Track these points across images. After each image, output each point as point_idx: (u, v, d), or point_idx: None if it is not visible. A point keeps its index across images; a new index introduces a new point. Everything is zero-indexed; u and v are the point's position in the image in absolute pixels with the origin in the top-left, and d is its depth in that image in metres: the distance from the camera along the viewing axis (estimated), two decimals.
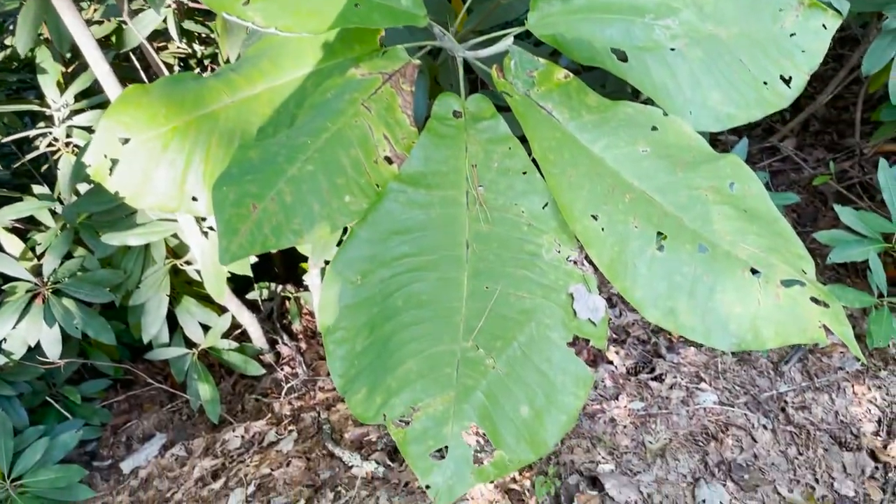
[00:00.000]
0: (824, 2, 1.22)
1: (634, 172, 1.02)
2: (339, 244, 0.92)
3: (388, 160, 0.99)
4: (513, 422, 0.84)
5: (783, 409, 1.76)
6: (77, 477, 2.04)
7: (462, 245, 0.94)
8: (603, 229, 0.95)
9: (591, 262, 0.95)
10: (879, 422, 1.72)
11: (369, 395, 0.84)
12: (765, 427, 1.72)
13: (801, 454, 1.66)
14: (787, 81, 1.15)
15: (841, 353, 1.89)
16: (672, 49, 1.09)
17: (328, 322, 0.88)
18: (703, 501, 1.57)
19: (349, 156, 0.96)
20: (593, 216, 0.96)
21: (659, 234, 0.96)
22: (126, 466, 2.29)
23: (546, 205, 0.97)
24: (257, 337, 2.30)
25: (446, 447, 0.82)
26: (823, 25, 1.11)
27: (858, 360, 1.72)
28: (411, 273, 0.91)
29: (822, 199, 2.39)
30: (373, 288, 0.90)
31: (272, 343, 2.40)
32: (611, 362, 1.92)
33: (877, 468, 1.63)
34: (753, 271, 0.95)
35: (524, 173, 0.98)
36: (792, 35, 1.11)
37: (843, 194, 2.28)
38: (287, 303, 2.53)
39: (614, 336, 2.02)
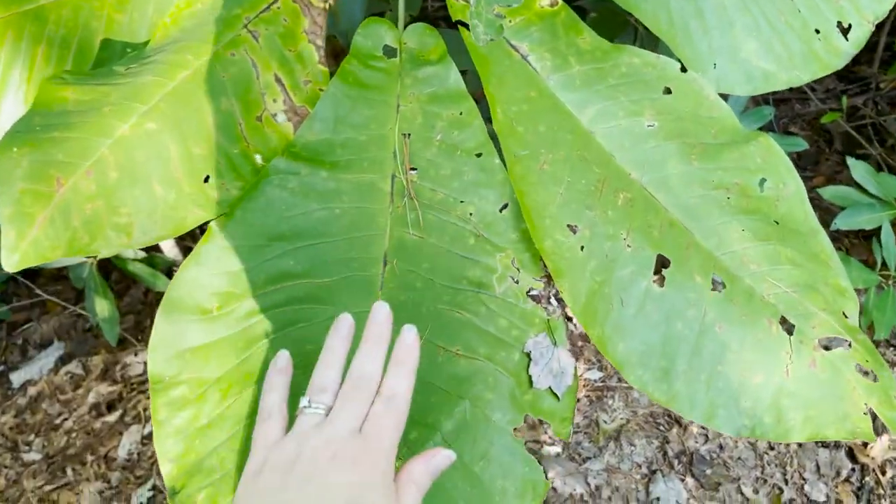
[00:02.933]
0: None
1: (634, 158, 0.72)
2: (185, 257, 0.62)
3: (282, 117, 0.67)
4: None
5: None
6: None
7: (377, 261, 0.64)
8: (583, 248, 0.66)
9: (560, 300, 0.67)
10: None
11: None
12: None
13: (772, 448, 1.46)
14: (846, 31, 0.85)
15: None
16: None
17: (163, 371, 0.59)
18: (658, 499, 1.38)
19: (217, 109, 0.63)
20: (570, 227, 0.66)
21: (660, 257, 0.68)
22: (17, 378, 2.03)
23: (505, 206, 0.66)
24: (169, 247, 1.99)
25: None
26: None
27: None
28: (295, 306, 0.61)
29: (828, 138, 2.11)
30: (234, 324, 0.60)
31: (187, 252, 2.09)
32: (570, 319, 1.68)
33: (853, 470, 1.44)
34: (784, 323, 0.68)
35: (479, 155, 0.67)
36: None
37: (851, 136, 1.99)
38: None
39: None
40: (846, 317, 0.72)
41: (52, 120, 0.61)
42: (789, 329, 0.67)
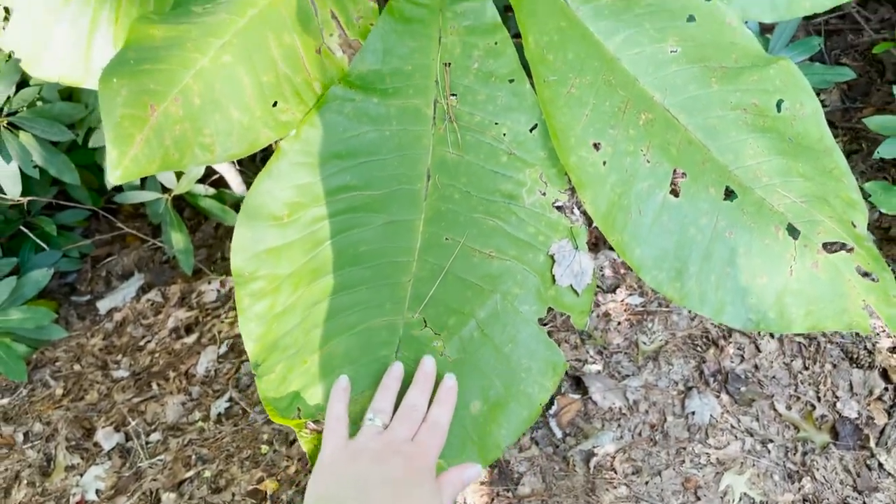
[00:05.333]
0: None
1: (657, 81, 0.78)
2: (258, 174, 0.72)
3: (337, 49, 0.76)
4: (459, 421, 0.68)
5: None
6: (46, 319, 1.96)
7: (422, 176, 0.73)
8: (605, 163, 0.74)
9: (582, 211, 0.75)
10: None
11: (285, 376, 0.68)
12: (771, 335, 1.57)
13: (806, 368, 1.53)
14: None
15: None
16: None
17: (244, 267, 0.70)
18: (693, 413, 1.47)
19: (282, 43, 0.73)
20: (594, 144, 0.74)
21: (676, 171, 0.75)
22: (103, 306, 2.22)
23: (535, 127, 0.75)
24: (237, 183, 2.12)
25: None
26: None
27: None
28: (352, 214, 0.71)
29: (880, 68, 2.09)
30: (302, 229, 0.71)
31: None
32: (613, 249, 1.75)
33: (886, 389, 1.50)
34: (791, 229, 0.75)
35: (511, 81, 0.75)
36: None
37: None
38: (273, 145, 2.32)
39: None
40: (854, 226, 0.78)
41: (143, 54, 0.71)
42: (794, 234, 0.74)
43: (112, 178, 0.70)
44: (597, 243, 1.78)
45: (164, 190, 2.07)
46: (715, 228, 0.74)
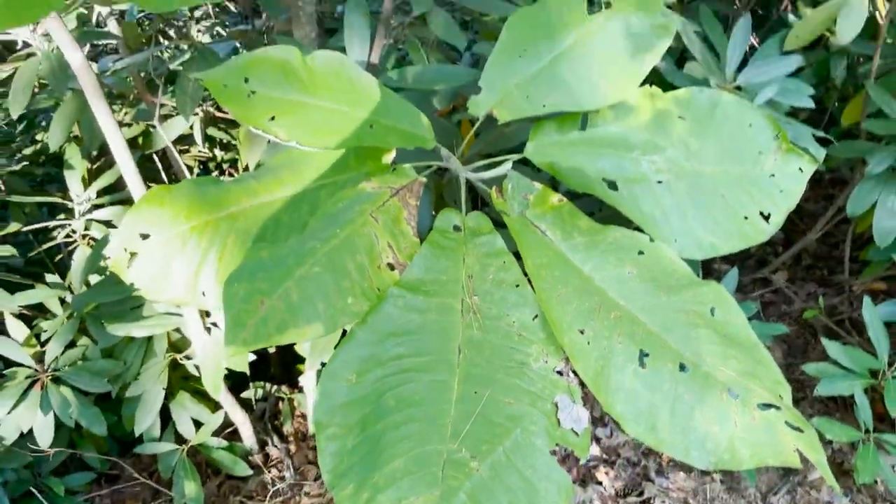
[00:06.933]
0: (802, 147, 1.32)
1: (620, 292, 1.08)
2: (335, 347, 0.97)
3: (391, 266, 1.06)
4: None
5: None
6: None
7: (455, 350, 0.99)
8: (588, 343, 1.00)
9: (576, 374, 1.00)
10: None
11: (356, 491, 0.87)
12: None
13: None
14: (767, 217, 1.22)
15: (830, 487, 1.89)
16: (659, 182, 1.18)
17: (322, 418, 0.92)
18: None
19: (355, 261, 1.03)
20: (580, 330, 1.01)
21: (641, 351, 1.02)
22: None
23: (536, 317, 1.02)
24: (248, 436, 2.30)
25: None
26: (800, 169, 1.20)
27: (833, 488, 1.70)
28: (405, 374, 0.96)
29: (812, 331, 2.44)
30: (367, 387, 0.95)
31: (262, 444, 2.39)
32: (600, 483, 1.92)
33: None
34: (732, 393, 0.99)
35: (517, 286, 1.05)
36: (771, 176, 1.20)
37: (832, 329, 2.33)
38: (280, 403, 2.54)
39: (604, 457, 2.03)
40: (781, 398, 1.03)
41: (256, 268, 1.00)
42: (735, 397, 0.98)
43: (228, 351, 0.95)
44: (584, 480, 1.94)
45: (179, 440, 2.23)
46: (675, 392, 0.99)
